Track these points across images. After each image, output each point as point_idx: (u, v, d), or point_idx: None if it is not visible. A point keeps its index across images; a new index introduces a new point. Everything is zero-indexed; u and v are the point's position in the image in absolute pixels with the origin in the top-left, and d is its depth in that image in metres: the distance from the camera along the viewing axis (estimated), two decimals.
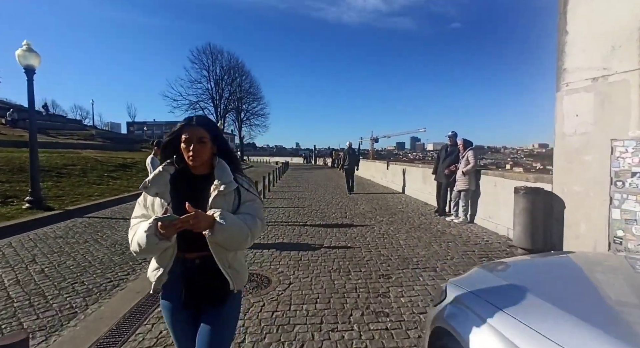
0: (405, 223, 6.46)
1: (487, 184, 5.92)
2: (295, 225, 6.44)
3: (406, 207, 8.27)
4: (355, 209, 8.15)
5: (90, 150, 21.27)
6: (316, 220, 6.91)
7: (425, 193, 8.99)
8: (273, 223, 6.68)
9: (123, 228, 6.34)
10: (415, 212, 7.58)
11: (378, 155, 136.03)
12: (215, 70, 36.09)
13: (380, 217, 7.15)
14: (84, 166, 11.83)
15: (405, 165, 11.28)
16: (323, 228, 6.19)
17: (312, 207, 8.50)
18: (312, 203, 9.08)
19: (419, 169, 9.67)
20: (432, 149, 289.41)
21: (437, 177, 7.29)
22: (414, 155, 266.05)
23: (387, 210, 7.89)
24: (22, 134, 22.83)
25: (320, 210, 8.04)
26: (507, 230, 5.21)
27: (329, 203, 9.07)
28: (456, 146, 7.05)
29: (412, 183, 10.19)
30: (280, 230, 6.09)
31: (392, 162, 12.93)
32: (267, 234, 5.75)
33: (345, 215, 7.39)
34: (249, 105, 43.24)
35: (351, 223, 6.61)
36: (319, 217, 7.21)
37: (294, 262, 4.32)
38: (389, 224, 6.39)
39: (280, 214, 7.62)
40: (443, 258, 4.33)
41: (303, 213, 7.75)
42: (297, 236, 5.63)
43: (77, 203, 7.90)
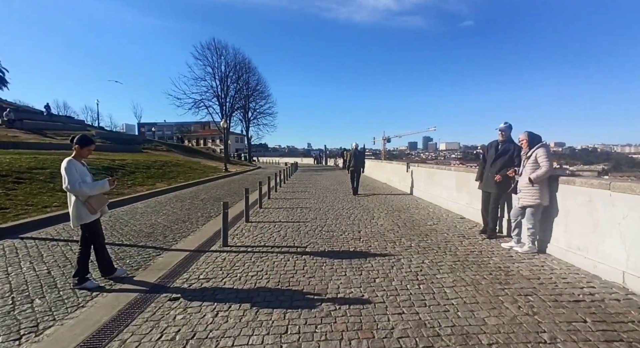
0: (445, 251, 4.58)
1: (574, 199, 3.95)
2: (289, 254, 4.64)
3: (438, 223, 6.36)
4: (372, 225, 6.30)
5: None
6: (319, 244, 5.10)
7: (461, 204, 7.06)
8: (258, 250, 4.90)
9: (57, 255, 4.68)
10: (453, 232, 5.67)
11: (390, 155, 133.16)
12: (220, 67, 34.68)
13: (407, 239, 5.28)
14: (57, 169, 10.32)
15: (431, 167, 9.34)
16: (328, 259, 4.37)
17: (317, 222, 6.69)
18: (317, 216, 7.28)
19: (451, 173, 7.73)
20: (444, 149, 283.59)
21: (484, 184, 5.38)
22: (426, 154, 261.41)
23: (414, 229, 6.00)
24: (17, 134, 21.85)
25: (326, 227, 6.22)
26: (621, 275, 3.26)
27: (338, 216, 7.25)
28: (511, 143, 5.14)
29: (441, 191, 8.26)
30: (265, 263, 4.30)
31: (414, 164, 11.00)
32: (244, 270, 3.97)
33: (359, 236, 5.56)
34: (257, 104, 41.79)
35: (367, 250, 4.77)
36: (324, 239, 5.40)
37: (273, 339, 2.53)
38: (422, 253, 4.52)
39: (274, 233, 5.84)
40: (535, 340, 2.45)
41: (304, 231, 5.94)
42: (288, 276, 3.83)
43: (21, 218, 6.31)
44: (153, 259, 4.63)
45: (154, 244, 5.34)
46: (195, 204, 9.32)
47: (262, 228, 6.29)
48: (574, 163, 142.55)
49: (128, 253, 4.85)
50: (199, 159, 29.70)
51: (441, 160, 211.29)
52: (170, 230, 6.26)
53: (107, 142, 26.04)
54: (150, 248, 5.12)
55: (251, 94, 39.97)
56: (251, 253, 4.78)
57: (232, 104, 36.57)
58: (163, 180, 13.85)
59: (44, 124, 26.53)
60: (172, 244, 5.36)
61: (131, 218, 7.27)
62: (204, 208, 8.63)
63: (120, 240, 5.56)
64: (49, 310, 3.07)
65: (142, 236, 5.81)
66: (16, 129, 23.18)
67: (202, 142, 75.70)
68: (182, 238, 5.72)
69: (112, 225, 6.55)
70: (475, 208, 6.37)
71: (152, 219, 7.22)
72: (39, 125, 25.27)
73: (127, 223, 6.81)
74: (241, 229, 6.23)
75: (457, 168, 7.59)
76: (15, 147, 17.11)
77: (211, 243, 5.37)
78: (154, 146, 30.95)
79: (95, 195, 3.60)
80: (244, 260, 4.48)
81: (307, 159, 59.90)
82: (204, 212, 8.09)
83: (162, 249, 5.10)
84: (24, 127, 23.92)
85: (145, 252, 4.95)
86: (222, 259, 4.52)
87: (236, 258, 4.56)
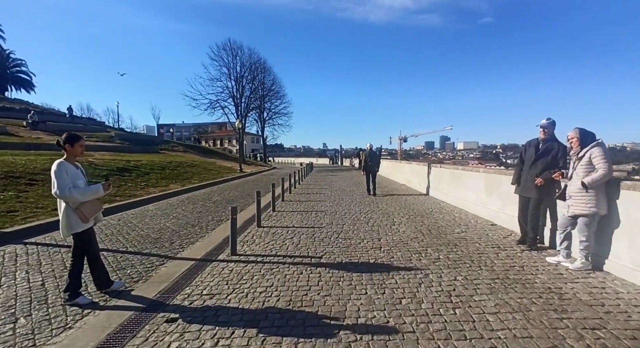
0: (480, 266, 4.00)
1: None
2: (303, 266, 4.18)
3: (467, 231, 5.75)
4: (393, 232, 5.76)
5: (103, 152, 20.31)
6: (336, 254, 4.61)
7: (491, 209, 6.41)
8: (268, 260, 4.46)
9: (57, 263, 4.40)
10: (486, 242, 5.06)
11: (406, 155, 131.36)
12: (236, 67, 34.66)
13: (434, 249, 4.72)
14: None
15: (455, 168, 8.68)
16: (346, 273, 3.89)
17: (333, 227, 6.22)
18: (332, 221, 6.80)
19: (479, 175, 7.08)
20: (462, 148, 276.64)
21: (522, 188, 4.76)
22: (443, 154, 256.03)
23: (440, 237, 5.43)
24: (40, 136, 22.44)
25: (343, 234, 5.74)
26: None
27: (356, 221, 6.75)
28: (555, 141, 4.50)
29: (468, 194, 7.61)
30: (276, 276, 3.85)
31: (436, 165, 10.35)
32: (252, 285, 3.54)
33: (380, 245, 5.04)
34: (272, 104, 41.66)
35: (390, 262, 4.25)
36: (341, 248, 4.91)
37: None
38: (453, 267, 3.96)
39: (286, 240, 5.40)
40: None
41: (319, 238, 5.48)
42: (300, 294, 3.36)
43: (28, 221, 6.13)
44: (156, 269, 4.27)
45: (159, 252, 5.00)
46: (207, 207, 9.02)
47: (275, 234, 5.86)
48: None
49: (130, 262, 4.52)
50: (214, 159, 29.77)
51: (459, 160, 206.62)
52: (178, 236, 5.93)
53: (125, 143, 26.43)
54: (154, 257, 4.78)
55: (266, 94, 39.87)
56: (261, 263, 4.36)
57: (247, 104, 36.55)
58: (177, 181, 13.71)
59: (66, 125, 27.17)
60: (178, 252, 5.01)
61: (140, 222, 7.00)
62: (216, 211, 8.31)
63: (124, 246, 5.25)
64: (31, 333, 2.73)
65: (148, 242, 5.50)
66: (40, 130, 23.80)
67: (218, 143, 76.53)
68: (189, 245, 5.37)
69: (119, 230, 6.29)
70: (508, 215, 5.73)
71: (160, 223, 6.93)
72: (61, 127, 25.87)
73: (135, 227, 6.54)
74: (252, 235, 5.83)
75: (486, 169, 6.94)
76: (37, 149, 17.43)
77: (219, 251, 4.99)
78: (171, 147, 31.26)
79: (87, 201, 3.25)
80: (252, 272, 4.06)
81: (323, 159, 59.50)
82: (215, 215, 7.76)
83: (167, 257, 4.75)
84: (47, 128, 24.54)
85: (149, 260, 4.61)
86: (229, 271, 4.12)
87: (244, 269, 4.15)
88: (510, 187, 5.59)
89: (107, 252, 4.92)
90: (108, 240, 5.56)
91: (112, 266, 4.33)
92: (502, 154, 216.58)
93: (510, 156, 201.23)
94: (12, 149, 14.91)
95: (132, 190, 10.38)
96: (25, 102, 38.75)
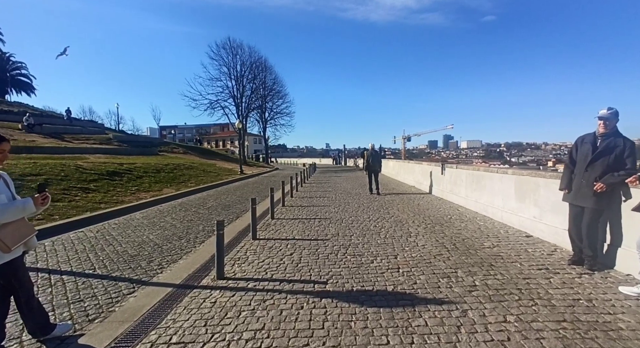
0: (532, 298, 3.09)
1: None
2: (304, 296, 3.32)
3: (500, 245, 4.85)
4: (411, 247, 4.88)
5: (99, 154, 19.64)
6: (344, 279, 3.74)
7: (524, 217, 5.50)
8: (261, 286, 3.60)
9: None
10: (528, 260, 4.16)
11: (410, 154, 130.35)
12: (236, 67, 33.79)
13: (466, 271, 3.83)
14: (55, 175, 9.51)
15: (476, 169, 7.76)
16: (358, 309, 3.02)
17: (339, 240, 5.36)
18: (339, 231, 5.93)
19: (506, 177, 6.16)
20: (466, 147, 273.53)
21: (574, 195, 3.85)
22: (447, 153, 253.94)
23: (469, 253, 4.53)
24: (35, 139, 21.76)
25: (351, 249, 4.87)
26: None
27: (365, 231, 5.88)
28: (619, 136, 3.60)
29: (491, 199, 6.71)
30: (269, 312, 2.99)
31: (451, 165, 9.43)
32: (238, 327, 2.67)
33: (397, 264, 4.16)
34: (274, 104, 40.84)
35: (413, 290, 3.38)
36: (350, 269, 4.04)
37: None
38: (496, 300, 3.07)
39: (284, 257, 4.54)
40: None
41: (323, 255, 4.61)
42: (300, 342, 2.50)
43: None
44: (122, 300, 3.44)
45: (131, 274, 4.16)
46: (200, 214, 8.19)
47: (272, 249, 5.01)
48: None
49: (92, 290, 3.68)
50: (215, 160, 29.01)
51: (462, 159, 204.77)
52: (159, 252, 5.09)
53: (123, 145, 25.75)
54: (124, 281, 3.94)
55: (268, 93, 39.06)
56: (252, 291, 3.51)
57: (248, 104, 35.73)
58: (172, 185, 12.91)
59: (63, 128, 26.58)
60: (155, 274, 4.17)
61: (120, 234, 6.18)
62: (208, 220, 7.47)
63: (91, 267, 4.42)
64: None
65: (121, 261, 4.66)
66: (35, 133, 23.16)
67: (221, 144, 75.89)
68: (170, 264, 4.53)
69: (93, 245, 5.46)
70: (548, 225, 4.83)
71: (143, 235, 6.10)
72: (57, 130, 25.29)
73: (113, 241, 5.71)
74: (245, 250, 4.98)
75: (516, 170, 6.01)
76: (29, 152, 16.73)
77: (204, 272, 4.15)
78: (171, 148, 30.55)
79: (10, 222, 2.40)
80: (240, 304, 3.20)
81: (326, 159, 58.69)
82: (206, 225, 6.91)
83: (140, 282, 3.91)
84: (44, 131, 23.91)
85: (116, 287, 3.77)
86: (211, 303, 3.27)
87: (230, 301, 3.30)
88: (551, 192, 4.71)
89: (68, 276, 4.09)
90: (75, 259, 4.73)
91: (66, 297, 3.50)
92: (506, 152, 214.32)
93: (515, 154, 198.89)
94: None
95: (120, 196, 9.58)
96: (24, 104, 38.24)
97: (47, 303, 3.34)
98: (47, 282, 3.93)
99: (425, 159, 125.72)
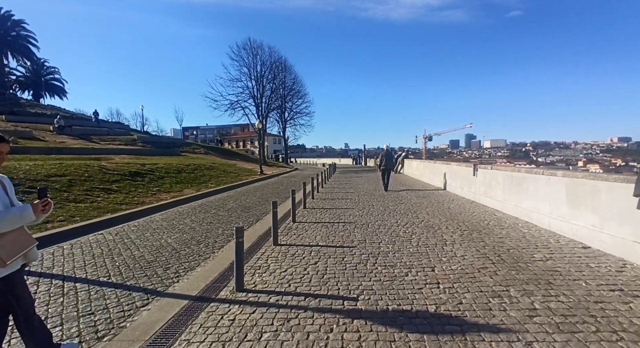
0: (613, 328, 2.52)
1: None
2: (331, 317, 2.90)
3: (553, 257, 4.25)
4: (449, 257, 4.37)
5: (124, 155, 20.05)
6: (377, 294, 3.30)
7: (579, 226, 4.84)
8: (284, 301, 3.22)
9: None
10: (593, 278, 3.56)
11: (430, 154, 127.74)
12: (256, 67, 33.78)
13: (520, 290, 3.30)
14: (79, 176, 9.57)
15: (515, 171, 7.08)
16: (397, 335, 2.59)
17: (367, 247, 4.91)
18: (365, 237, 5.49)
19: (555, 179, 5.49)
20: (489, 146, 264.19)
21: None
22: (469, 153, 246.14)
23: (519, 267, 3.98)
24: (65, 140, 22.56)
25: (382, 258, 4.42)
26: None
27: (395, 238, 5.40)
28: None
29: (535, 203, 6.05)
30: (294, 334, 2.61)
31: (485, 166, 8.75)
32: None
33: (436, 278, 3.68)
34: (293, 103, 40.69)
35: (459, 312, 2.90)
36: (382, 282, 3.59)
37: None
38: (568, 331, 2.53)
39: (308, 266, 4.15)
40: None
41: (350, 265, 4.19)
42: None
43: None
44: (134, 314, 3.16)
45: (147, 283, 3.90)
46: (220, 216, 7.96)
47: (294, 256, 4.64)
48: None
49: (105, 301, 3.43)
50: (235, 161, 29.15)
51: (486, 159, 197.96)
52: (177, 257, 4.84)
53: (147, 145, 26.32)
54: (138, 292, 3.67)
55: (288, 93, 38.92)
56: (275, 307, 3.14)
57: (268, 104, 35.70)
58: (192, 186, 12.86)
59: (91, 129, 27.46)
60: (171, 283, 3.89)
61: (138, 237, 6.00)
62: (228, 222, 7.21)
63: (106, 274, 4.19)
64: None
65: (138, 267, 4.42)
66: (66, 135, 24.04)
67: (241, 144, 76.80)
68: (187, 272, 4.25)
69: (110, 249, 5.28)
70: (612, 236, 4.19)
71: (162, 239, 5.89)
72: (86, 131, 26.15)
73: (131, 244, 5.52)
74: (266, 258, 4.64)
75: (567, 172, 5.33)
76: (59, 153, 17.27)
77: (223, 282, 3.83)
78: (192, 149, 30.96)
79: (7, 232, 2.13)
80: (261, 324, 2.84)
81: (345, 159, 58.06)
82: (226, 228, 6.65)
83: (155, 293, 3.64)
84: (73, 133, 24.79)
85: (130, 298, 3.51)
86: (229, 321, 2.92)
87: (250, 318, 2.94)
88: (615, 198, 4.09)
89: (82, 284, 3.87)
90: (91, 265, 4.54)
91: (77, 309, 3.25)
92: (533, 151, 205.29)
93: (542, 154, 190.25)
94: (34, 153, 14.67)
95: (141, 197, 9.53)
96: (56, 107, 40.02)
97: (56, 316, 3.11)
98: (60, 290, 3.72)
99: (446, 158, 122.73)
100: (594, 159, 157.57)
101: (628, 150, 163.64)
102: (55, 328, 2.89)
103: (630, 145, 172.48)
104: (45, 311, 3.19)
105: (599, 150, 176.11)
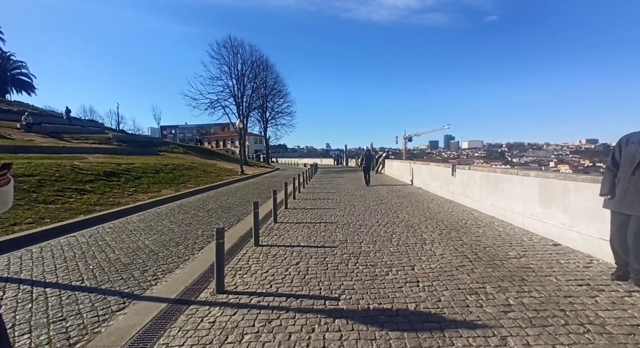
0: (582, 323, 2.65)
1: None
2: (313, 317, 2.90)
3: (527, 254, 4.43)
4: (428, 256, 4.47)
5: (98, 154, 19.29)
6: (358, 293, 3.33)
7: (550, 224, 5.08)
8: (265, 302, 3.19)
9: None
10: (563, 274, 3.74)
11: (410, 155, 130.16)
12: (237, 65, 33.35)
13: (496, 287, 3.42)
14: (49, 176, 9.12)
15: (491, 171, 7.34)
16: (378, 333, 2.62)
17: (348, 247, 4.95)
18: (347, 237, 5.53)
19: (529, 180, 5.73)
20: (467, 147, 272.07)
21: (618, 202, 3.43)
22: (448, 153, 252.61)
23: (494, 265, 4.12)
24: (34, 138, 21.41)
25: (363, 257, 4.46)
26: None
27: (376, 237, 5.47)
28: None
29: (511, 203, 6.30)
30: (276, 335, 2.59)
31: (462, 167, 9.01)
32: None
33: (416, 276, 3.76)
34: (275, 103, 40.43)
35: (438, 309, 2.97)
36: (364, 282, 3.63)
37: None
38: (540, 325, 2.65)
39: (290, 267, 4.13)
40: None
41: (332, 265, 4.21)
42: None
43: None
44: (109, 319, 3.04)
45: (123, 286, 3.77)
46: (199, 217, 7.79)
47: (276, 257, 4.61)
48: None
49: (77, 306, 3.28)
50: (215, 161, 28.64)
51: (464, 159, 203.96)
52: (155, 260, 4.70)
53: (123, 145, 25.40)
54: (114, 295, 3.54)
55: (269, 92, 38.65)
56: (256, 308, 3.11)
57: (249, 103, 35.32)
58: (171, 186, 12.53)
59: (62, 127, 26.24)
60: (148, 286, 3.78)
61: (114, 239, 5.79)
62: (208, 223, 7.08)
63: (79, 278, 4.02)
64: None
65: (113, 270, 4.27)
66: (34, 133, 22.83)
67: (221, 144, 75.56)
68: (165, 274, 4.14)
69: (84, 251, 5.07)
70: (581, 233, 4.42)
71: (139, 240, 5.71)
72: (57, 129, 24.94)
73: (105, 247, 5.32)
74: (247, 259, 4.59)
75: (540, 173, 5.59)
76: (27, 152, 16.39)
77: (203, 284, 3.76)
78: (171, 148, 30.18)
79: None
80: (242, 326, 2.81)
81: (327, 159, 58.25)
82: (205, 229, 6.52)
83: (132, 296, 3.52)
84: (42, 130, 23.59)
85: (105, 302, 3.38)
86: (209, 323, 2.87)
87: (231, 320, 2.90)
88: (584, 197, 4.31)
89: (53, 289, 3.70)
90: (63, 269, 4.34)
91: (47, 315, 3.10)
92: (508, 152, 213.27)
93: (516, 155, 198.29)
94: (0, 152, 13.87)
95: (117, 198, 9.19)
96: (24, 104, 37.96)
97: (24, 323, 2.95)
98: (29, 296, 3.54)
99: (426, 158, 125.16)
100: (564, 159, 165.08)
101: (595, 151, 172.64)
102: (22, 335, 2.74)
103: (597, 147, 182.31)
104: (12, 318, 3.03)
105: (569, 151, 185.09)
